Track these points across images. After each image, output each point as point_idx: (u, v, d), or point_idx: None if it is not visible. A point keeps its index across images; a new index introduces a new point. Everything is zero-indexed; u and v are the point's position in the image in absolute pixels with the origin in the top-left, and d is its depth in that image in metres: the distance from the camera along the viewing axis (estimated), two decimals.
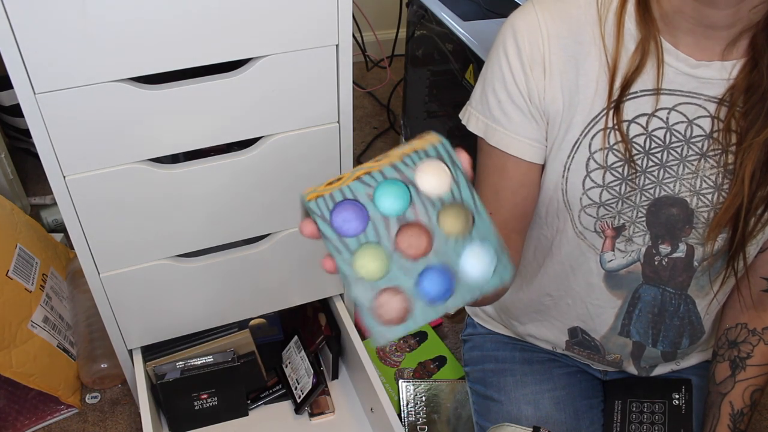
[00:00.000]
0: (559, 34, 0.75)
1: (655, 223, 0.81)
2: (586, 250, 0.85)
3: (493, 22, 1.40)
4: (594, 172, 0.79)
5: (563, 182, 0.81)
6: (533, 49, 0.75)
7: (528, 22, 0.76)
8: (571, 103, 0.76)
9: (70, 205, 0.91)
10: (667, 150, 0.77)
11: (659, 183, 0.78)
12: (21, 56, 0.76)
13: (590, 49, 0.75)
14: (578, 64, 0.75)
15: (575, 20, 0.75)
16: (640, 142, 0.77)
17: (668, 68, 0.73)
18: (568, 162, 0.79)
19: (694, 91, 0.74)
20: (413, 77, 1.74)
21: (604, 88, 0.75)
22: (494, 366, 1.04)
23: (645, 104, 0.75)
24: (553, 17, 0.75)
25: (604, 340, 0.92)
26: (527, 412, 0.97)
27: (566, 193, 0.81)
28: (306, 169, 1.02)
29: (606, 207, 0.80)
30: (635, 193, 0.79)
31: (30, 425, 1.25)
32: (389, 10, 1.95)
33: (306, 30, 0.88)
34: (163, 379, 1.13)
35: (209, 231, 1.03)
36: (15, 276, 1.22)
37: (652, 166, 0.78)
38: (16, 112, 1.76)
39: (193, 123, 0.90)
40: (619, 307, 0.88)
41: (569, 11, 0.75)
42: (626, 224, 0.81)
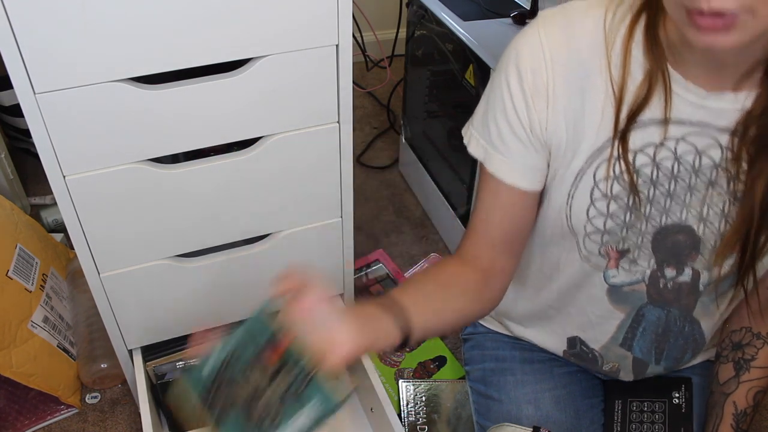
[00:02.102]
0: (564, 61, 0.72)
1: (661, 248, 0.79)
2: (591, 270, 0.84)
3: (493, 22, 1.40)
4: (598, 201, 0.77)
5: (567, 209, 0.79)
6: (536, 78, 0.73)
7: (532, 48, 0.73)
8: (576, 132, 0.74)
9: (70, 205, 0.91)
10: (674, 179, 0.74)
11: (665, 211, 0.76)
12: (21, 56, 0.76)
13: (596, 78, 0.72)
14: (584, 93, 0.73)
15: (581, 47, 0.72)
16: (647, 171, 0.74)
17: (677, 98, 0.70)
18: (572, 190, 0.77)
19: (704, 121, 0.71)
20: (413, 77, 1.74)
21: (609, 117, 0.72)
22: (494, 365, 1.04)
23: (653, 134, 0.72)
24: (558, 43, 0.72)
25: (603, 350, 0.92)
26: (527, 411, 0.97)
27: (570, 219, 0.80)
28: (306, 169, 1.02)
29: (609, 234, 0.79)
30: (640, 221, 0.77)
31: (30, 425, 1.25)
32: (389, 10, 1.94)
33: (306, 30, 0.88)
34: (163, 379, 1.13)
35: (209, 231, 1.03)
36: (15, 276, 1.22)
37: (659, 196, 0.75)
38: (16, 112, 1.76)
39: (193, 123, 0.90)
40: (621, 319, 0.88)
41: (575, 37, 0.72)
42: (631, 248, 0.80)
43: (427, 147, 1.72)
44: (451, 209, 1.60)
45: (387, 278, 1.56)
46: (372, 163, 1.97)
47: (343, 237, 1.14)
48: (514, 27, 1.39)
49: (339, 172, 1.05)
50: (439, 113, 1.67)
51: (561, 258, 0.86)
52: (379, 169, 1.96)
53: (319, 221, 1.10)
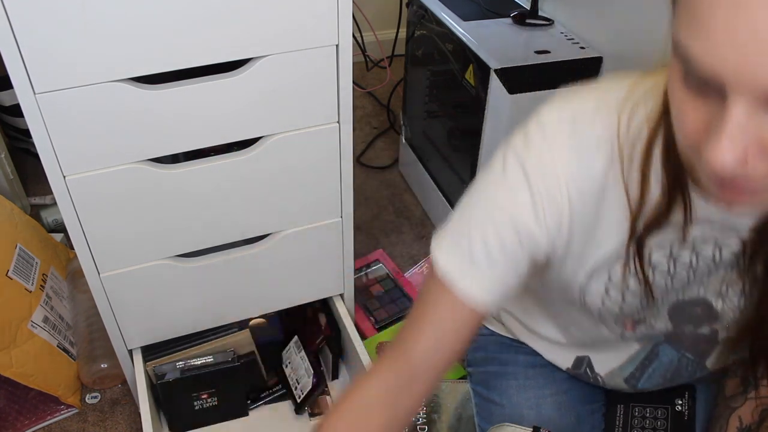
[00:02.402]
0: (576, 177, 0.64)
1: (678, 318, 0.77)
2: (607, 331, 0.82)
3: (493, 22, 1.40)
4: (612, 292, 0.73)
5: (580, 296, 0.76)
6: (549, 195, 0.64)
7: (542, 164, 0.64)
8: (588, 240, 0.69)
9: (70, 205, 0.91)
10: (692, 269, 0.71)
11: (682, 291, 0.73)
12: (21, 56, 0.76)
13: (611, 191, 0.65)
14: (598, 206, 0.66)
15: (594, 161, 0.64)
16: (664, 264, 0.70)
17: (698, 204, 0.64)
18: (585, 285, 0.73)
19: (724, 221, 0.66)
20: (413, 77, 1.74)
21: (625, 227, 0.67)
22: (497, 368, 1.04)
23: (671, 233, 0.67)
24: (569, 158, 0.64)
25: (608, 377, 0.91)
26: (529, 416, 0.96)
27: (584, 302, 0.76)
28: (306, 169, 1.02)
29: (626, 314, 0.76)
30: (656, 302, 0.74)
31: (30, 425, 1.25)
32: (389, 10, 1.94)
33: (306, 30, 0.88)
34: (163, 379, 1.13)
35: (209, 231, 1.03)
36: (15, 276, 1.22)
37: (677, 283, 0.72)
38: (16, 112, 1.76)
39: (193, 123, 0.90)
40: (635, 352, 0.86)
41: (587, 149, 0.64)
42: (647, 318, 0.78)
43: (427, 147, 1.72)
44: (451, 209, 1.59)
45: (387, 278, 1.56)
46: (372, 163, 1.97)
47: (343, 237, 1.14)
48: (514, 27, 1.39)
49: (339, 172, 1.05)
50: (439, 113, 1.67)
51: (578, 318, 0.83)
52: (379, 169, 1.96)
53: (319, 221, 1.10)
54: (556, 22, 1.39)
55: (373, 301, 1.50)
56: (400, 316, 1.47)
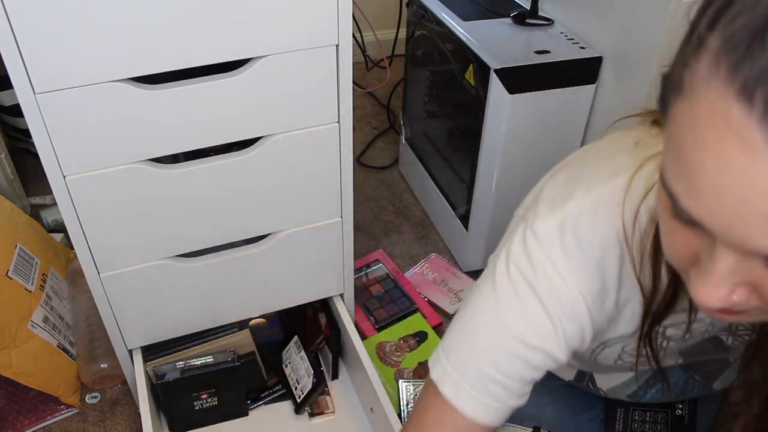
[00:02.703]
0: (592, 287, 0.61)
1: (689, 354, 0.76)
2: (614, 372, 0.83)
3: (493, 22, 1.40)
4: (626, 357, 0.72)
5: (591, 361, 0.75)
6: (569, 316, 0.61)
7: (554, 286, 0.60)
8: (608, 329, 0.67)
9: (70, 205, 0.91)
10: (707, 332, 0.70)
11: (692, 335, 0.71)
12: (21, 56, 0.76)
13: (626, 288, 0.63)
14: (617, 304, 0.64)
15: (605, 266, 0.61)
16: (677, 337, 0.69)
17: None
18: (598, 352, 0.73)
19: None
20: (413, 77, 1.74)
21: (637, 311, 0.65)
22: None
23: (682, 315, 0.65)
24: (582, 275, 0.60)
25: (610, 392, 0.90)
26: (528, 425, 0.96)
27: (594, 362, 0.76)
28: (306, 169, 1.02)
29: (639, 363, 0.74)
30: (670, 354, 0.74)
31: (30, 425, 1.25)
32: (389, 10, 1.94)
33: (306, 30, 0.88)
34: (163, 379, 1.13)
35: (209, 231, 1.03)
36: (15, 276, 1.22)
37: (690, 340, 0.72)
38: (16, 112, 1.76)
39: (193, 123, 0.90)
40: (641, 371, 0.85)
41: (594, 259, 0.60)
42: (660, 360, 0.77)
43: (427, 147, 1.72)
44: (451, 209, 1.60)
45: (387, 278, 1.56)
46: (372, 163, 1.97)
47: (343, 237, 1.14)
48: (514, 27, 1.39)
49: (339, 172, 1.05)
50: (439, 113, 1.66)
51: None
52: (379, 169, 1.96)
53: (319, 221, 1.10)
54: (556, 22, 1.40)
55: (373, 301, 1.50)
56: (400, 316, 1.47)
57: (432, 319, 1.47)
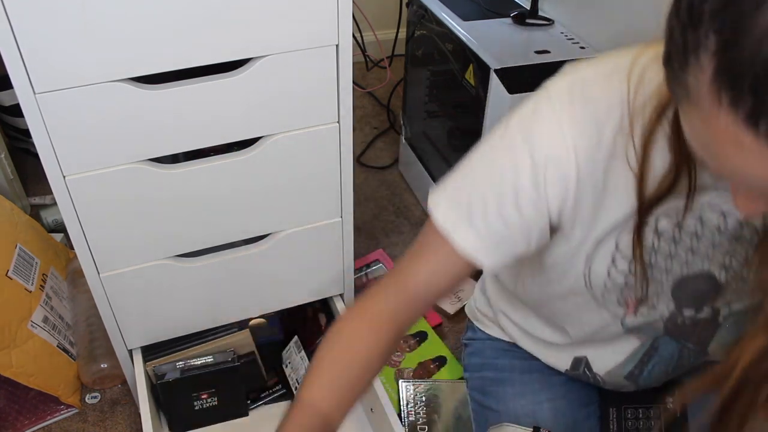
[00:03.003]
0: (587, 146, 0.65)
1: (681, 294, 0.78)
2: (608, 317, 0.82)
3: (493, 22, 1.40)
4: (619, 262, 0.74)
5: (586, 271, 0.76)
6: (557, 168, 0.66)
7: (551, 135, 0.65)
8: (595, 209, 0.70)
9: (70, 205, 0.91)
10: (696, 237, 0.72)
11: (687, 264, 0.74)
12: (21, 56, 0.76)
13: (619, 160, 0.66)
14: (606, 173, 0.68)
15: (605, 130, 0.65)
16: (669, 232, 0.71)
17: (704, 172, 0.66)
18: (592, 255, 0.74)
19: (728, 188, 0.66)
20: (413, 77, 1.74)
21: (633, 194, 0.68)
22: (493, 375, 1.03)
23: (677, 201, 0.68)
24: (581, 127, 0.65)
25: (607, 375, 0.90)
26: (526, 423, 0.96)
27: (589, 281, 0.77)
28: (306, 169, 1.02)
29: (629, 288, 0.77)
30: (660, 273, 0.75)
31: (30, 425, 1.25)
32: (389, 10, 1.94)
33: (306, 30, 0.88)
34: (163, 379, 1.13)
35: (209, 231, 1.03)
36: (15, 276, 1.22)
37: (680, 252, 0.73)
38: (16, 112, 1.76)
39: (193, 123, 0.90)
40: (634, 349, 0.86)
41: (599, 118, 0.64)
42: (650, 296, 0.78)
43: (427, 147, 1.72)
44: None
45: None
46: (372, 163, 1.97)
47: (343, 237, 1.14)
48: (514, 27, 1.39)
49: (339, 172, 1.05)
50: (439, 113, 1.67)
51: (573, 310, 0.84)
52: (379, 169, 1.96)
53: (319, 221, 1.10)
54: (556, 22, 1.40)
55: None
56: None
57: (432, 319, 1.47)
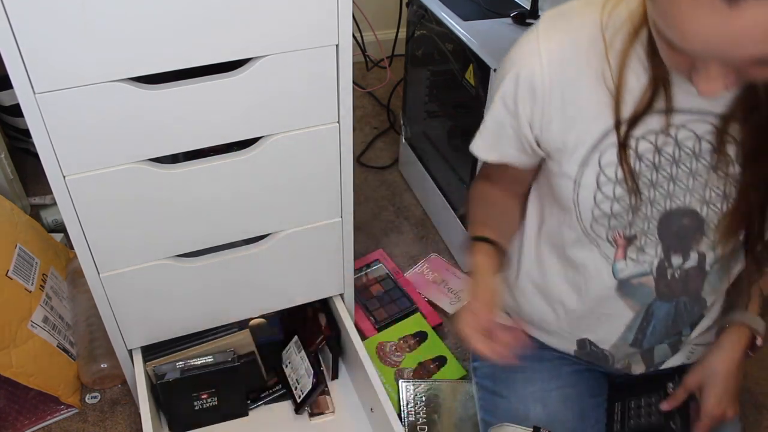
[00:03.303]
0: (560, 59, 0.76)
1: (667, 234, 0.82)
2: (599, 259, 0.86)
3: (493, 22, 1.40)
4: (604, 186, 0.80)
5: (574, 196, 0.82)
6: (531, 81, 0.78)
7: (529, 52, 0.78)
8: (575, 122, 0.78)
9: (70, 205, 0.91)
10: (676, 164, 0.78)
11: (669, 196, 0.80)
12: (21, 56, 0.76)
13: (594, 76, 0.75)
14: (580, 87, 0.76)
15: (578, 43, 0.75)
16: (649, 156, 0.77)
17: (678, 90, 0.73)
18: (578, 177, 0.80)
19: (703, 109, 0.74)
20: (413, 77, 1.74)
21: (610, 108, 0.76)
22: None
23: (654, 123, 0.76)
24: (555, 43, 0.76)
25: (613, 348, 0.93)
26: (535, 410, 0.97)
27: (578, 205, 0.83)
28: (306, 169, 1.02)
29: (617, 218, 0.82)
30: (645, 204, 0.80)
31: (30, 425, 1.25)
32: (389, 10, 1.94)
33: (306, 30, 0.88)
34: (163, 379, 1.13)
35: (209, 231, 1.03)
36: (15, 276, 1.22)
37: (662, 180, 0.79)
38: (16, 112, 1.76)
39: (193, 123, 0.90)
40: (631, 318, 0.89)
41: (573, 37, 0.76)
42: (638, 234, 0.83)
43: (427, 147, 1.72)
44: (451, 209, 1.60)
45: (387, 278, 1.56)
46: (372, 163, 1.97)
47: (343, 237, 1.14)
48: (514, 27, 1.39)
49: (339, 172, 1.05)
50: (439, 113, 1.67)
51: (567, 245, 0.89)
52: (379, 169, 1.96)
53: (319, 221, 1.10)
54: None
55: (373, 301, 1.50)
56: (400, 315, 1.47)
57: (432, 319, 1.47)
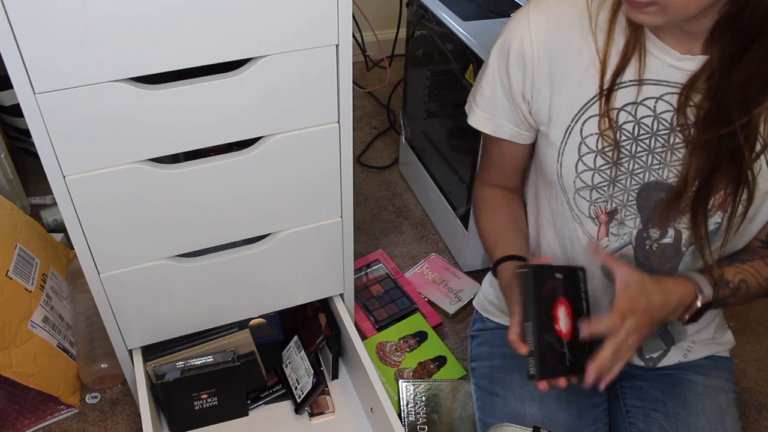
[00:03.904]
0: (547, 28, 0.83)
1: (645, 206, 0.85)
2: (584, 237, 0.90)
3: (493, 22, 1.40)
4: (586, 156, 0.84)
5: (558, 166, 0.87)
6: (521, 49, 0.84)
7: (518, 23, 0.85)
8: (561, 89, 0.83)
9: (70, 205, 0.91)
10: (654, 137, 0.81)
11: (648, 168, 0.83)
12: (21, 56, 0.76)
13: (580, 44, 0.82)
14: (566, 57, 0.82)
15: (565, 15, 0.82)
16: (629, 128, 0.81)
17: (655, 60, 0.78)
18: (562, 147, 0.85)
19: (680, 82, 0.78)
20: (413, 77, 1.74)
21: (593, 78, 0.81)
22: (501, 362, 1.05)
23: (632, 94, 0.80)
24: (543, 14, 0.83)
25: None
26: (531, 409, 0.97)
27: (561, 176, 0.87)
28: (306, 169, 1.02)
29: (598, 190, 0.85)
30: (625, 176, 0.84)
31: (30, 425, 1.25)
32: (389, 10, 1.95)
33: (306, 30, 0.88)
34: (163, 379, 1.13)
35: (209, 231, 1.03)
36: (15, 276, 1.22)
37: (641, 152, 0.82)
38: (16, 112, 1.76)
39: (193, 123, 0.90)
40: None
41: (562, 5, 0.83)
42: (618, 208, 0.86)
43: (427, 147, 1.73)
44: (451, 209, 1.60)
45: (387, 278, 1.56)
46: (372, 163, 1.97)
47: (343, 237, 1.14)
48: None
49: (339, 172, 1.05)
50: (439, 113, 1.67)
51: (556, 221, 0.94)
52: (379, 169, 1.96)
53: (319, 221, 1.10)
54: None
55: (373, 301, 1.50)
56: (400, 316, 1.47)
57: (432, 319, 1.47)
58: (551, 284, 0.83)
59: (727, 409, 0.96)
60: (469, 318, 1.49)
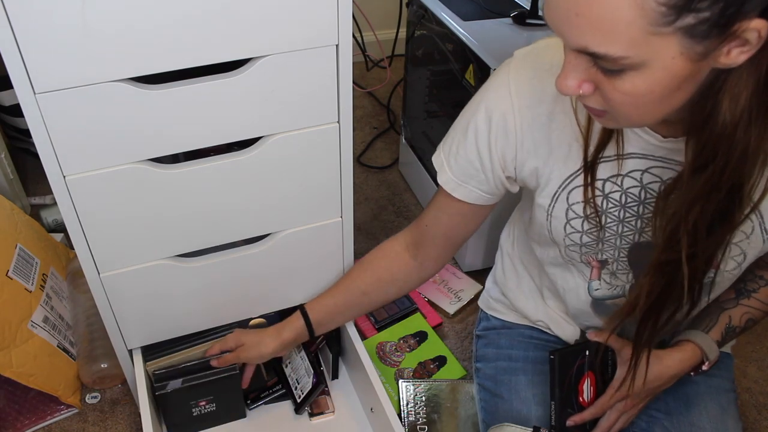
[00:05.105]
0: (529, 103, 0.80)
1: (637, 264, 0.85)
2: (576, 275, 0.91)
3: (493, 22, 1.40)
4: (573, 220, 0.84)
5: (548, 224, 0.86)
6: (504, 121, 0.81)
7: (500, 93, 0.81)
8: (547, 162, 0.82)
9: (70, 205, 0.91)
10: (642, 205, 0.80)
11: (637, 231, 0.82)
12: (21, 56, 0.76)
13: (562, 116, 0.79)
14: (551, 130, 0.80)
15: (547, 88, 0.78)
16: (616, 197, 0.80)
17: (638, 138, 0.76)
18: (550, 209, 0.85)
19: (665, 156, 0.76)
20: (413, 77, 1.74)
21: (577, 152, 0.79)
22: (507, 364, 1.05)
23: (617, 166, 0.78)
24: (526, 87, 0.79)
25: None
26: (537, 412, 0.97)
27: (551, 232, 0.87)
28: (306, 169, 1.02)
29: (587, 247, 0.86)
30: (615, 237, 0.84)
31: (30, 425, 1.25)
32: (389, 10, 1.95)
33: (306, 30, 0.88)
34: (163, 390, 1.11)
35: (209, 231, 1.03)
36: (15, 276, 1.22)
37: (630, 217, 0.81)
38: (16, 112, 1.76)
39: (193, 123, 0.90)
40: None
41: (543, 78, 0.79)
42: (609, 260, 0.86)
43: (427, 147, 1.73)
44: None
45: None
46: (372, 163, 1.97)
47: (343, 237, 1.14)
48: (514, 27, 1.39)
49: (339, 172, 1.05)
50: (439, 113, 1.67)
51: (548, 262, 0.94)
52: (379, 169, 1.96)
53: (319, 221, 1.10)
54: None
55: None
56: (400, 316, 1.47)
57: (432, 319, 1.47)
58: (580, 362, 0.95)
59: (728, 409, 0.96)
60: (469, 318, 1.49)
